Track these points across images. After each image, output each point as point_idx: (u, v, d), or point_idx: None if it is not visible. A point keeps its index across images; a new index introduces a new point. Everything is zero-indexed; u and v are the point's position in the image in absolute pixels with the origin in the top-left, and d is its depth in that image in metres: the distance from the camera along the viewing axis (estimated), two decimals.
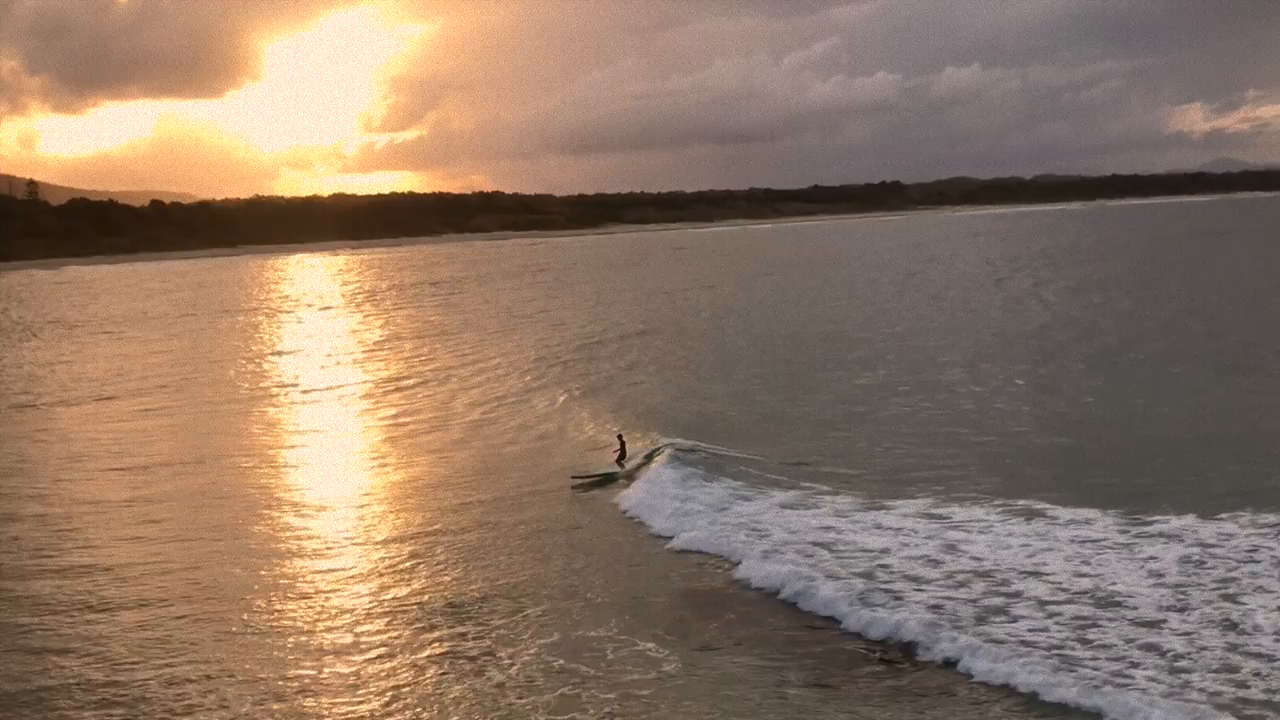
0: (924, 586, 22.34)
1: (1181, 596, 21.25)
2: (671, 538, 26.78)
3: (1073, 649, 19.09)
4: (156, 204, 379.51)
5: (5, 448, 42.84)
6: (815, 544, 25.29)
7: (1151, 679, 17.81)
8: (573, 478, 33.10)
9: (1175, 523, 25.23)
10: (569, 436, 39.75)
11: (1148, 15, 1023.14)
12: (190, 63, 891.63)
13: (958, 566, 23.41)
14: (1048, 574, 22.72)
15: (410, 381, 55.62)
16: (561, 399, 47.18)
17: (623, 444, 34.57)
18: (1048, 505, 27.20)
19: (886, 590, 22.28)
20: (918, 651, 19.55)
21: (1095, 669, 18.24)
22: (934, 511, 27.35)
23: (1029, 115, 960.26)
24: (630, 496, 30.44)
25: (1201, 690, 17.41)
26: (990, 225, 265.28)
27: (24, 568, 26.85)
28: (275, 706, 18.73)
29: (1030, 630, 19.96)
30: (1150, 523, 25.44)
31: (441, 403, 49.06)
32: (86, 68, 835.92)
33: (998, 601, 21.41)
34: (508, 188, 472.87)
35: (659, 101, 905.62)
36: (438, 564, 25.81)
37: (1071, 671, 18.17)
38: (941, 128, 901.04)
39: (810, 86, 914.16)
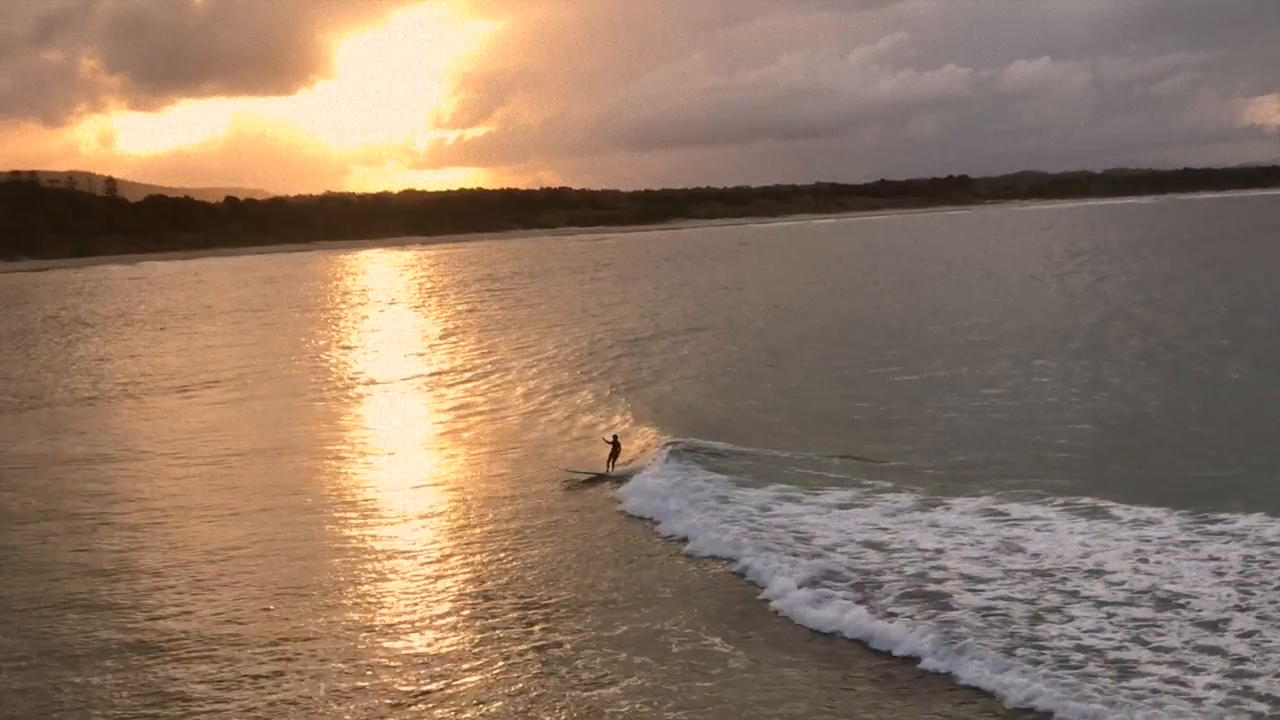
0: (978, 587, 21.67)
1: (1245, 596, 20.50)
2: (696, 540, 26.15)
3: (1130, 651, 18.41)
4: (231, 200, 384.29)
5: (86, 437, 43.08)
6: (867, 543, 24.69)
7: (1213, 684, 17.13)
8: (567, 470, 33.25)
9: (1240, 522, 24.39)
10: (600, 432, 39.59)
11: (1220, 6, 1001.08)
12: (264, 61, 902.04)
13: (1015, 566, 22.73)
14: (1107, 573, 22.04)
15: (465, 374, 55.89)
16: (606, 393, 47.03)
17: (616, 446, 33.44)
18: (1108, 503, 26.41)
19: (931, 595, 21.64)
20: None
21: (1155, 671, 17.59)
22: (993, 509, 26.61)
23: (1099, 108, 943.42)
24: (650, 495, 29.72)
25: (1266, 696, 16.69)
26: (1057, 219, 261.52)
27: (110, 554, 26.97)
28: (352, 688, 18.77)
29: (1086, 631, 19.28)
30: (1214, 521, 24.61)
31: (493, 396, 49.15)
32: (163, 66, 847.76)
33: (1054, 600, 20.75)
34: (575, 183, 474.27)
35: (725, 96, 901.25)
36: (488, 557, 25.64)
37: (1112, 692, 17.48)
38: (1010, 121, 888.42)
39: (877, 80, 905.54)
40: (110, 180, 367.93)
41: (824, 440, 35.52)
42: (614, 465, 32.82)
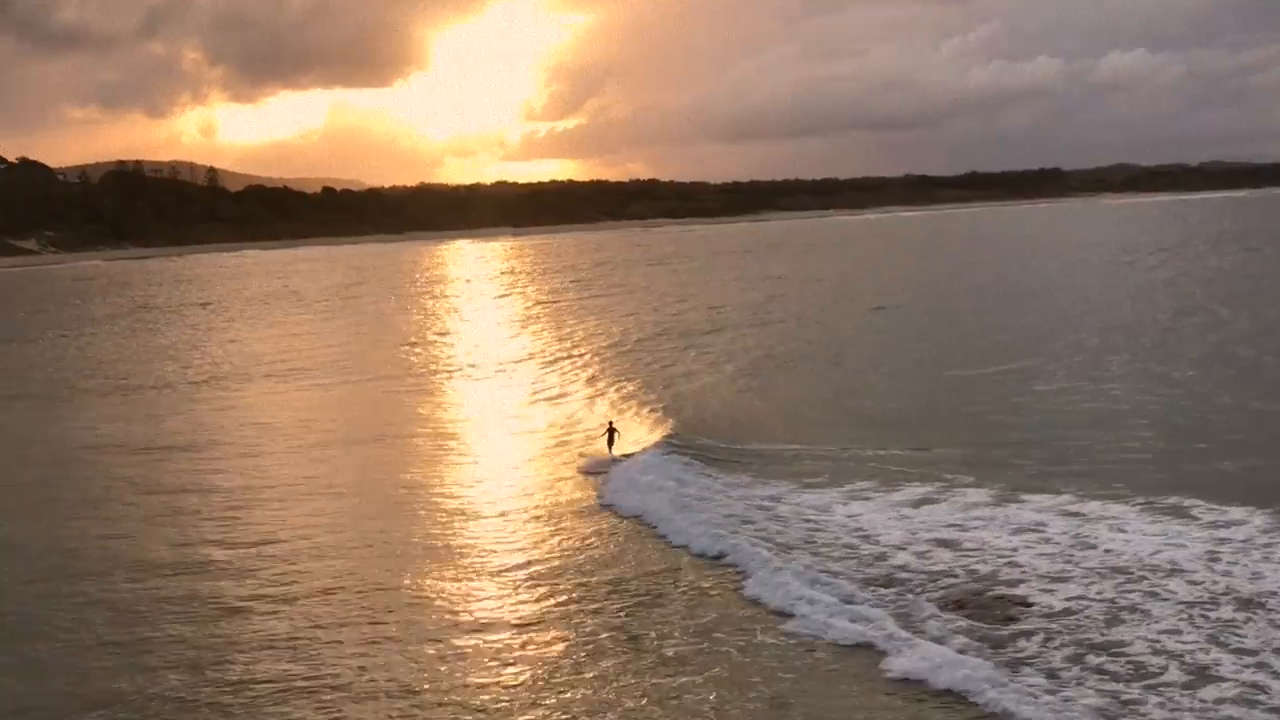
0: (1053, 586, 20.81)
1: None
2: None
3: (1208, 653, 17.55)
4: (328, 190, 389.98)
5: (186, 422, 43.43)
6: (939, 541, 23.88)
7: None
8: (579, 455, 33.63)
9: None
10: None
11: None
12: (361, 53, 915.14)
13: (1093, 564, 21.82)
14: (1186, 572, 21.06)
15: (535, 361, 56.38)
16: (657, 384, 46.66)
17: (611, 432, 33.77)
18: (1189, 501, 25.33)
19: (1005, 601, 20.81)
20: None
21: (1235, 677, 16.73)
22: (1070, 509, 25.56)
23: (1195, 100, 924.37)
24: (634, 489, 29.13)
25: None
26: (1149, 212, 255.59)
27: (203, 538, 26.96)
28: (437, 673, 18.56)
29: (1164, 633, 18.40)
30: None
31: (557, 381, 49.27)
32: (263, 59, 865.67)
33: (1134, 599, 19.88)
34: (664, 175, 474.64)
35: (816, 88, 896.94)
36: (538, 539, 25.41)
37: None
38: (1103, 113, 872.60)
39: (969, 71, 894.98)
40: (211, 170, 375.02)
41: (881, 436, 34.59)
42: (614, 450, 33.16)
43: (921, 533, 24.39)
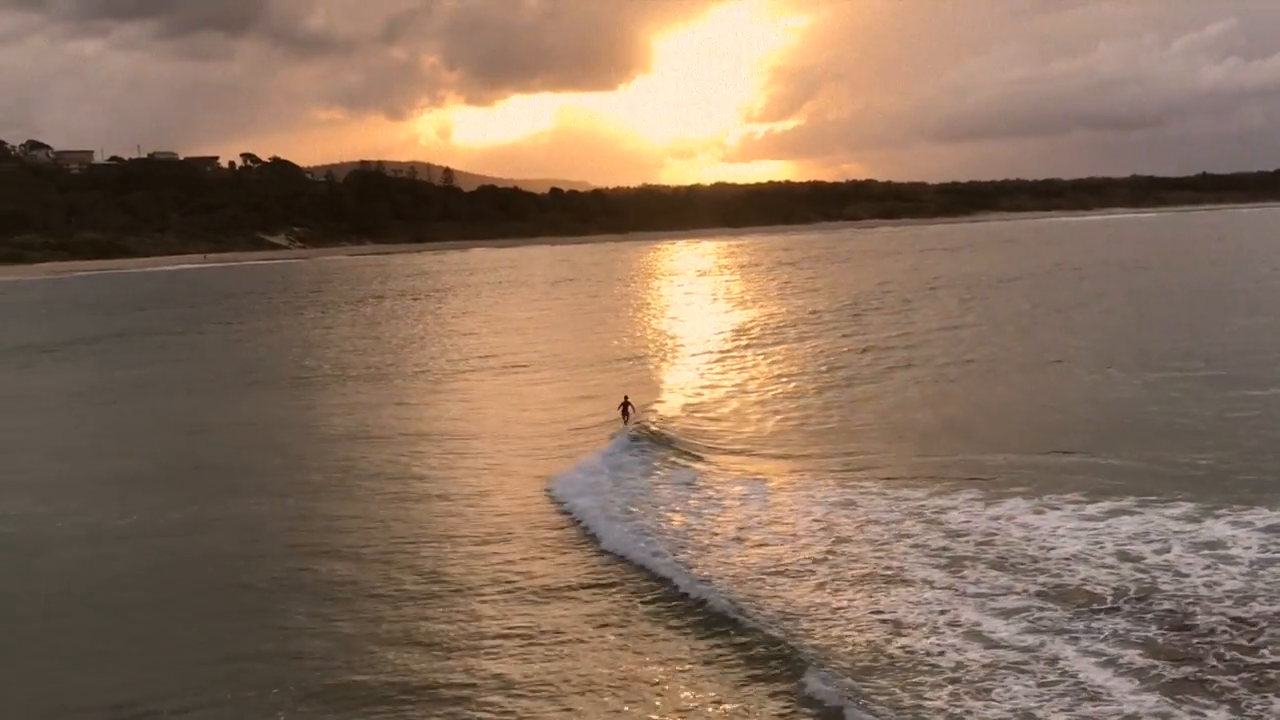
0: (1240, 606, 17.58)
1: None
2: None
3: None
4: (555, 192, 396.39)
5: (430, 409, 42.52)
6: (1122, 555, 20.77)
7: None
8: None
9: None
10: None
11: None
12: (589, 57, 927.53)
13: None
14: None
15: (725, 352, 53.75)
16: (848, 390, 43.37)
17: (625, 408, 34.54)
18: None
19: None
20: None
21: None
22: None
23: None
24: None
25: None
26: None
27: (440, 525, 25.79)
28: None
29: None
30: None
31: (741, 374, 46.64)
32: (497, 63, 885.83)
33: None
34: (880, 176, 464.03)
35: (1038, 87, 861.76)
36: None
37: None
38: None
39: (1201, 69, 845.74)
40: (447, 171, 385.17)
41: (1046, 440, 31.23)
42: (627, 423, 33.97)
43: (1108, 545, 21.31)
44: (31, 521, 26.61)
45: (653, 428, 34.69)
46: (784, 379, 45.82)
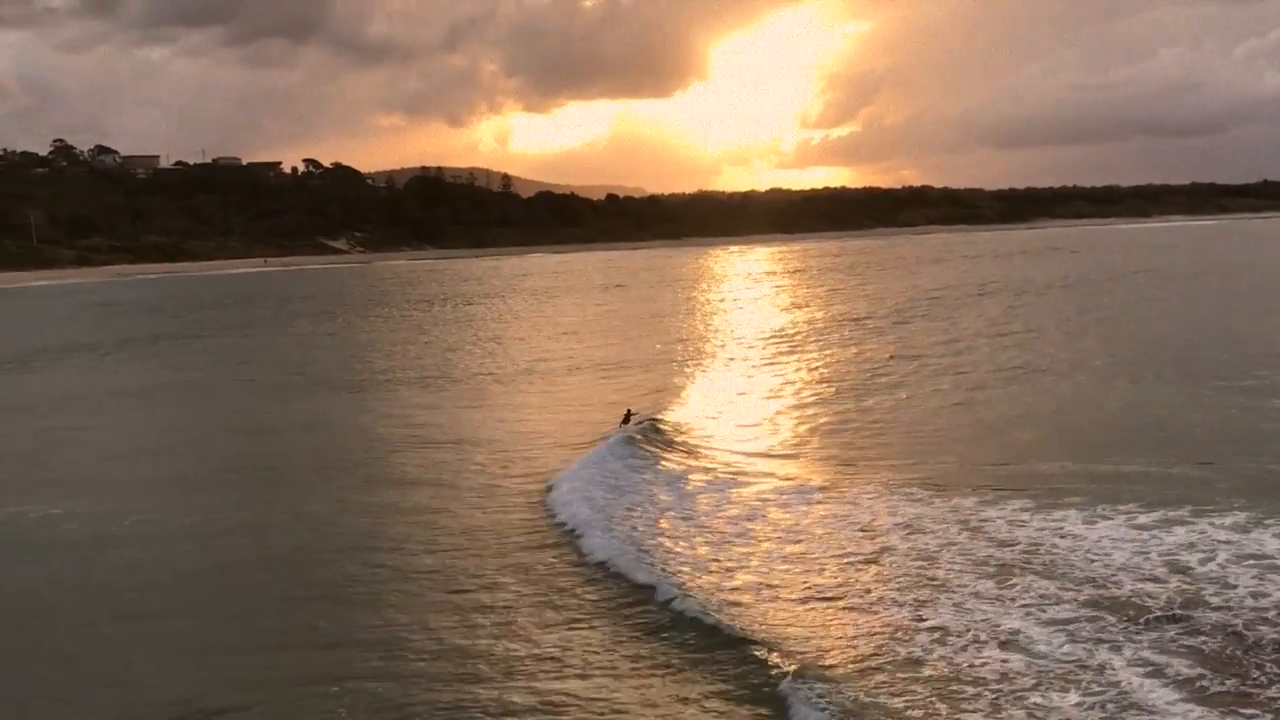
0: None
1: None
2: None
3: None
4: (612, 198, 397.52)
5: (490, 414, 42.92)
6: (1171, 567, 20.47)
7: None
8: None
9: None
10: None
11: None
12: (645, 64, 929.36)
13: None
14: None
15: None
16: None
17: (627, 416, 34.36)
18: None
19: None
20: None
21: None
22: None
23: None
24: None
25: None
26: None
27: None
28: None
29: None
30: None
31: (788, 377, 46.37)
32: (555, 71, 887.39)
33: None
34: (936, 182, 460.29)
35: (1096, 94, 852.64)
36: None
37: None
38: None
39: (1264, 75, 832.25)
40: (505, 177, 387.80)
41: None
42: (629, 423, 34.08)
43: (1156, 555, 21.00)
44: (96, 520, 26.93)
45: (664, 430, 34.36)
46: (824, 383, 45.45)
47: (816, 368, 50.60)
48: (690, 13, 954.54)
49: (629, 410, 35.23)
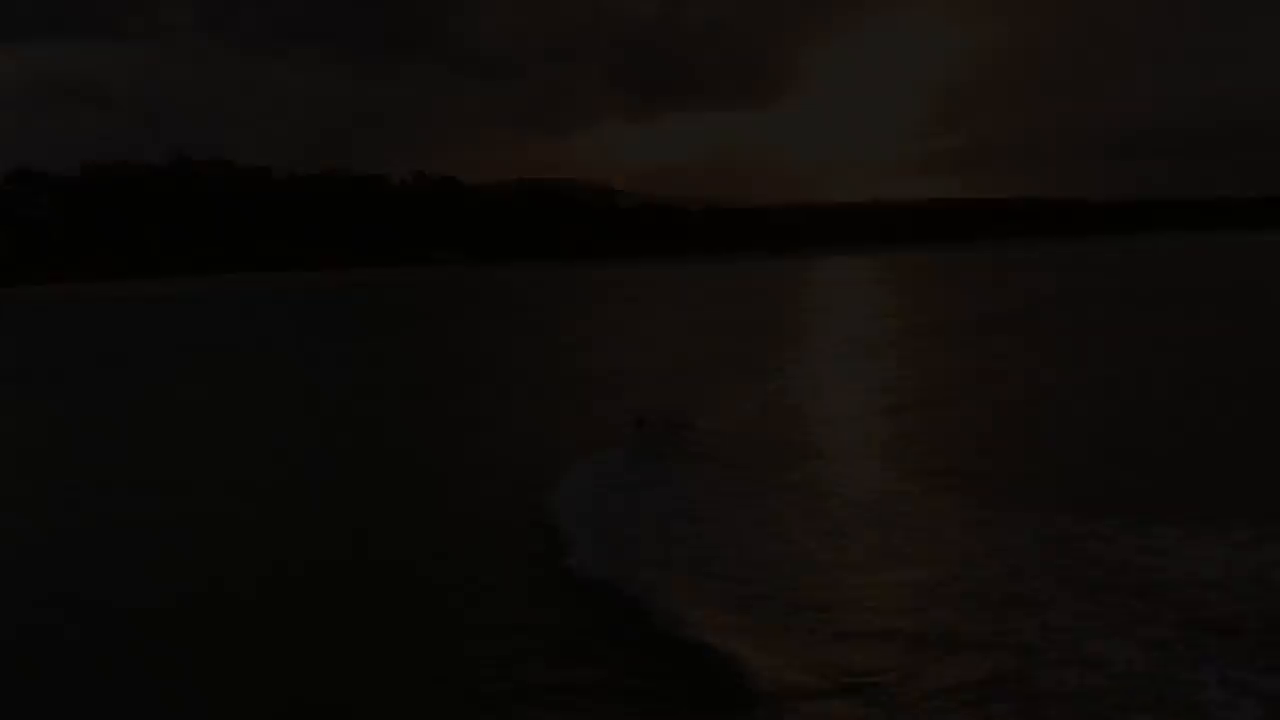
0: None
1: None
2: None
3: None
4: (714, 209, 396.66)
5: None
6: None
7: None
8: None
9: None
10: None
11: None
12: (748, 76, 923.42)
13: None
14: None
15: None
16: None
17: (639, 423, 34.25)
18: None
19: None
20: None
21: None
22: None
23: None
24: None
25: None
26: None
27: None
28: None
29: None
30: None
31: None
32: (659, 83, 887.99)
33: None
34: (1046, 193, 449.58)
35: (1209, 104, 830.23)
36: None
37: None
38: None
39: None
40: (609, 189, 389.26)
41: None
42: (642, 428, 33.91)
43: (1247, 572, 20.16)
44: (236, 524, 27.44)
45: (716, 440, 33.52)
46: (908, 392, 44.32)
47: (908, 377, 49.33)
48: (794, 25, 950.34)
49: (640, 418, 34.39)
